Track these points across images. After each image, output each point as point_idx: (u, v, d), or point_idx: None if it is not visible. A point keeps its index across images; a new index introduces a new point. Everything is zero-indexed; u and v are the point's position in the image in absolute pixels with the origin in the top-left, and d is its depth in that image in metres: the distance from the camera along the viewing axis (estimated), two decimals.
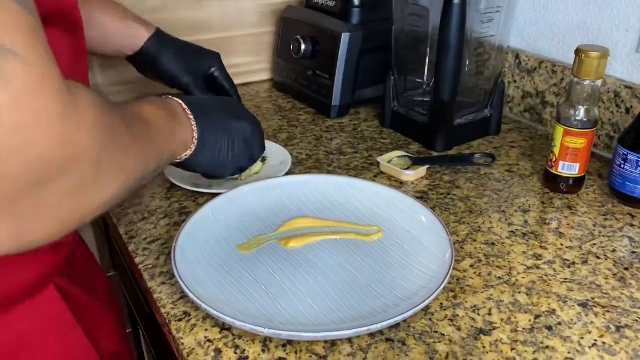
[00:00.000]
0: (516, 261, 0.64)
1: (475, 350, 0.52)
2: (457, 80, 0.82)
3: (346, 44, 0.98)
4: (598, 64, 0.70)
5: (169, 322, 0.55)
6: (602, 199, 0.77)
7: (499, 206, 0.75)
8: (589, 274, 0.62)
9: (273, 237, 0.66)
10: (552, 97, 0.96)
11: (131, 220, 0.72)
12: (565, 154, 0.76)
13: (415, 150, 0.91)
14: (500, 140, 0.95)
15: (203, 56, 0.89)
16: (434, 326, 0.55)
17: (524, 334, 0.54)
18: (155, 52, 0.84)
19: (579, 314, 0.57)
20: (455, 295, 0.59)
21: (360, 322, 0.52)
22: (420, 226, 0.66)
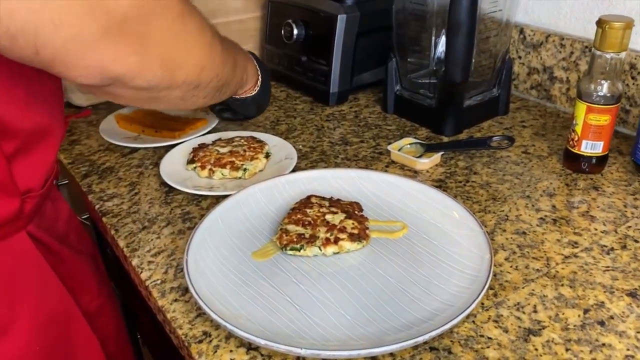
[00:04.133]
0: (552, 250, 0.60)
1: (527, 354, 0.48)
2: (469, 60, 0.77)
3: (342, 27, 0.93)
4: (622, 35, 0.66)
5: (188, 345, 0.50)
6: (627, 176, 0.73)
7: (523, 191, 0.71)
8: (630, 259, 0.59)
9: None
10: (562, 71, 0.91)
11: (131, 231, 0.66)
12: (588, 132, 0.72)
13: (424, 136, 0.86)
14: (510, 120, 0.91)
15: None
16: (479, 330, 0.50)
17: (575, 331, 0.50)
18: None
19: (630, 305, 0.53)
20: (495, 293, 0.55)
21: (404, 334, 0.47)
22: (448, 219, 0.62)
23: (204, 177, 0.75)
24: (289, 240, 0.58)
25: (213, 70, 0.55)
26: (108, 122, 0.91)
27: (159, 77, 0.47)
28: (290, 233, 0.59)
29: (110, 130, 0.88)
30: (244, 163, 0.75)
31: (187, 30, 0.48)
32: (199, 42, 0.51)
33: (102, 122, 0.91)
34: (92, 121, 0.95)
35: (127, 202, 0.71)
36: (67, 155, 0.84)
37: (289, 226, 0.60)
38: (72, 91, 0.99)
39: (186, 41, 0.49)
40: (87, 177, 0.78)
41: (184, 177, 0.75)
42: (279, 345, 0.45)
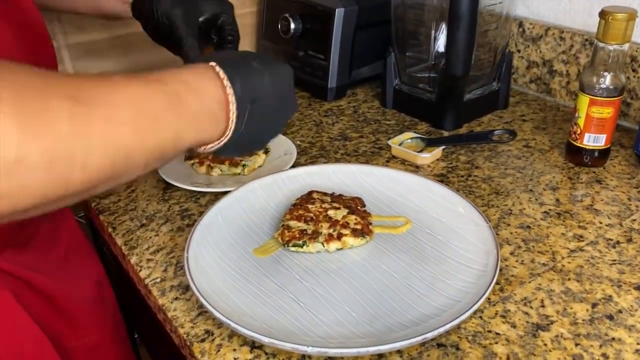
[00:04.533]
0: (557, 244, 0.60)
1: (537, 349, 0.47)
2: (470, 53, 0.76)
3: (340, 21, 0.91)
4: (626, 26, 0.65)
5: (190, 344, 0.49)
6: (630, 170, 0.73)
7: (525, 185, 0.70)
8: (636, 253, 0.58)
9: None
10: (561, 65, 0.91)
11: (128, 229, 0.64)
12: (590, 125, 0.71)
13: (424, 130, 0.85)
14: (510, 114, 0.90)
15: (212, 1, 0.70)
16: (487, 325, 0.50)
17: (584, 326, 0.49)
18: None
19: (638, 298, 0.52)
20: (501, 288, 0.54)
21: (411, 331, 0.46)
22: (452, 213, 0.61)
23: (203, 174, 0.74)
24: (291, 237, 0.57)
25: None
26: None
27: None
28: (292, 229, 0.58)
29: None
30: (243, 159, 0.74)
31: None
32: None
33: None
34: None
35: (124, 200, 0.70)
36: None
37: (290, 222, 0.59)
38: None
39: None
40: None
41: (181, 174, 0.73)
42: (284, 343, 0.44)
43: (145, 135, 0.37)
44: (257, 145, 0.52)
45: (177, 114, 0.40)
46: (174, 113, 0.40)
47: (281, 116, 0.52)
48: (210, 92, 0.43)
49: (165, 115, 0.39)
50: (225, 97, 0.44)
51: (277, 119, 0.52)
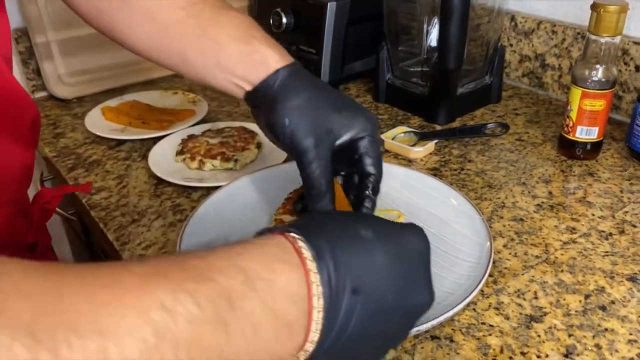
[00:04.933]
0: (550, 237, 0.60)
1: (530, 340, 0.47)
2: (462, 47, 0.76)
3: (332, 15, 0.91)
4: (617, 19, 0.66)
5: None
6: (622, 162, 0.73)
7: (518, 178, 0.70)
8: (629, 244, 0.58)
9: None
10: (553, 58, 0.91)
11: (120, 224, 0.64)
12: (582, 117, 0.71)
13: (417, 125, 0.85)
14: (503, 108, 0.90)
15: (351, 116, 0.49)
16: (480, 317, 0.50)
17: (577, 317, 0.49)
18: (280, 91, 0.48)
19: (630, 289, 0.52)
20: (495, 280, 0.54)
21: None
22: (445, 206, 0.60)
23: (194, 169, 0.73)
24: None
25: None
26: (94, 114, 0.89)
27: None
28: (285, 223, 0.57)
29: (97, 122, 0.86)
30: (235, 154, 0.73)
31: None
32: None
33: (87, 114, 0.88)
34: (78, 113, 0.93)
35: (115, 195, 0.70)
36: (52, 149, 0.82)
37: (283, 216, 0.58)
38: (55, 83, 0.97)
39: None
40: (73, 170, 0.76)
41: (173, 169, 0.73)
42: None
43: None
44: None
45: (225, 333, 0.27)
46: (218, 334, 0.27)
47: (400, 320, 0.35)
48: (285, 284, 0.29)
49: (205, 337, 0.26)
50: (307, 284, 0.30)
51: (393, 325, 0.34)
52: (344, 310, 0.30)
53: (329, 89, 0.51)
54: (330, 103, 0.49)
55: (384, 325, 0.33)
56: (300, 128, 0.47)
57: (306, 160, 0.47)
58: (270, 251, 0.31)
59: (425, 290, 0.36)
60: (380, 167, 0.49)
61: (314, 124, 0.47)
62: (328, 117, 0.48)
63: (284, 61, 0.49)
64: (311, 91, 0.48)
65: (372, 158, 0.49)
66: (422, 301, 0.35)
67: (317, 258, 0.30)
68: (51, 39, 0.95)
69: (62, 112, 0.94)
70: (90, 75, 1.00)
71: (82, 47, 0.98)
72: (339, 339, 0.31)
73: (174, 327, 0.25)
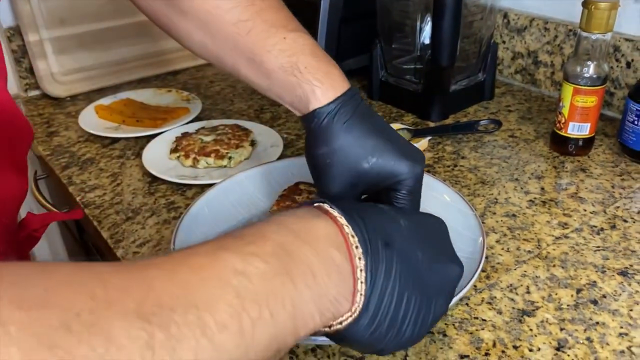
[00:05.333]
0: (542, 232, 0.60)
1: (522, 334, 0.47)
2: (455, 43, 0.76)
3: (326, 12, 0.91)
4: (608, 16, 0.66)
5: None
6: (614, 158, 0.74)
7: (511, 174, 0.71)
8: (620, 239, 0.59)
9: None
10: (546, 55, 0.91)
11: (114, 222, 0.64)
12: (574, 114, 0.71)
13: (410, 122, 0.86)
14: (496, 104, 0.90)
15: (385, 166, 0.46)
16: (473, 312, 0.50)
17: (569, 311, 0.50)
18: (316, 133, 0.47)
19: (621, 283, 0.53)
20: (487, 276, 0.54)
21: None
22: (438, 202, 0.61)
23: (188, 166, 0.73)
24: None
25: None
26: (87, 112, 0.88)
27: None
28: None
29: (90, 121, 0.86)
30: (229, 151, 0.73)
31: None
32: None
33: (81, 112, 0.88)
34: (71, 112, 0.93)
35: (109, 193, 0.70)
36: (46, 147, 0.82)
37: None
38: (48, 82, 0.97)
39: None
40: (67, 168, 0.76)
41: (167, 167, 0.73)
42: None
43: (254, 331, 0.28)
44: (404, 330, 0.36)
45: (292, 282, 0.31)
46: (287, 283, 0.30)
47: (436, 285, 0.38)
48: (326, 234, 0.34)
49: (278, 289, 0.30)
50: (343, 235, 0.34)
51: (430, 289, 0.37)
52: (383, 262, 0.34)
53: (369, 128, 0.46)
54: (368, 147, 0.46)
55: (421, 287, 0.36)
56: (335, 174, 0.46)
57: (332, 195, 0.47)
58: (304, 214, 0.35)
59: (454, 257, 0.41)
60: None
61: (349, 171, 0.46)
62: (361, 165, 0.46)
63: (328, 95, 0.46)
64: (349, 135, 0.46)
65: (409, 204, 0.47)
66: (451, 267, 0.40)
67: (347, 217, 0.35)
68: (44, 37, 0.95)
69: (56, 111, 0.94)
70: (83, 73, 0.99)
71: (76, 45, 0.98)
72: (383, 296, 0.34)
73: (251, 285, 0.29)
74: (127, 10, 1.00)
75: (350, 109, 0.46)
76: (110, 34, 1.00)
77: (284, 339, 0.30)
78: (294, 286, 0.30)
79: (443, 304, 0.39)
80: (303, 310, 0.31)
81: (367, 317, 0.34)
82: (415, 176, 0.46)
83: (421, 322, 0.37)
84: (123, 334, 0.23)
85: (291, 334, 0.30)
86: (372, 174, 0.46)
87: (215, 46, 0.51)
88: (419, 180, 0.47)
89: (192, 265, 0.28)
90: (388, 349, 0.37)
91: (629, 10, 0.80)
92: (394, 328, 0.35)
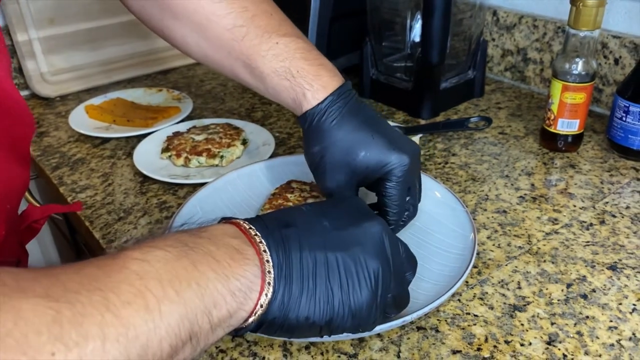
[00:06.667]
0: (533, 228, 0.61)
1: (514, 329, 0.48)
2: (445, 41, 0.77)
3: (316, 11, 0.91)
4: (596, 13, 0.67)
5: None
6: (603, 154, 0.74)
7: (501, 171, 0.71)
8: (609, 234, 0.59)
9: None
10: (535, 53, 0.92)
11: (106, 222, 0.64)
12: (564, 110, 0.72)
13: (402, 119, 0.86)
14: (486, 102, 0.91)
15: (378, 156, 0.48)
16: (465, 307, 0.50)
17: (560, 305, 0.50)
18: (311, 132, 0.50)
19: (610, 278, 0.53)
20: (479, 271, 0.55)
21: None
22: (429, 199, 0.61)
23: (180, 166, 0.73)
24: None
25: None
26: (78, 112, 0.88)
27: None
28: None
29: (80, 121, 0.86)
30: (221, 150, 0.73)
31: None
32: None
33: (71, 112, 0.88)
34: (61, 112, 0.92)
35: (100, 193, 0.69)
36: (36, 148, 0.81)
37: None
38: (37, 81, 0.96)
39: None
40: (57, 169, 0.75)
41: (158, 166, 0.73)
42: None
43: (162, 308, 0.29)
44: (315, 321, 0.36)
45: (193, 265, 0.32)
46: (188, 267, 0.32)
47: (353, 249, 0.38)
48: (222, 230, 0.36)
49: (180, 271, 0.31)
50: (241, 230, 0.36)
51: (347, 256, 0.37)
52: (286, 238, 0.36)
53: (359, 123, 0.49)
54: (357, 141, 0.48)
55: (337, 248, 0.37)
56: (328, 170, 0.50)
57: (331, 191, 0.51)
58: (207, 225, 0.37)
59: (371, 217, 0.40)
60: (401, 206, 0.50)
61: (340, 166, 0.49)
62: (352, 159, 0.49)
63: (318, 97, 0.49)
64: (339, 132, 0.49)
65: (393, 202, 0.50)
66: (369, 224, 0.39)
67: (246, 219, 0.38)
68: (33, 36, 0.94)
69: (45, 111, 0.93)
70: (73, 73, 0.99)
71: (65, 45, 0.98)
72: (298, 265, 0.36)
73: (152, 269, 0.30)
74: (117, 9, 0.99)
75: (340, 106, 0.49)
76: (99, 33, 1.00)
77: (195, 319, 0.30)
78: (195, 268, 0.32)
79: (373, 260, 0.38)
80: (210, 289, 0.32)
81: (287, 291, 0.35)
82: (403, 166, 0.48)
83: (356, 279, 0.37)
84: (31, 311, 0.25)
85: (203, 314, 0.31)
86: (362, 166, 0.49)
87: (212, 50, 0.53)
88: (411, 171, 0.49)
89: (98, 263, 0.30)
90: (337, 319, 0.37)
91: (616, 7, 0.81)
92: (323, 292, 0.36)
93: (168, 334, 0.29)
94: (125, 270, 0.29)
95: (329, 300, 0.36)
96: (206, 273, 0.32)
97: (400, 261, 0.41)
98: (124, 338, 0.27)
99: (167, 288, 0.30)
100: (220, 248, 0.34)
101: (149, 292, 0.29)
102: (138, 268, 0.30)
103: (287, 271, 0.35)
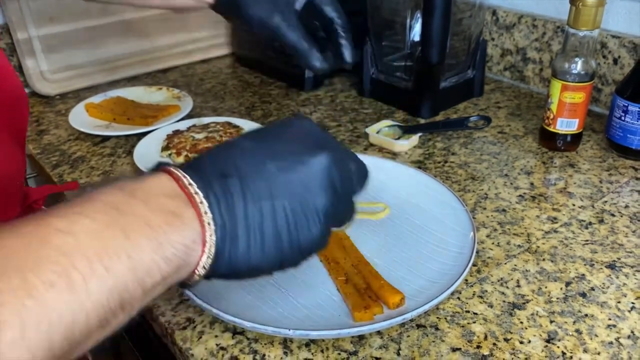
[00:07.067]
0: (532, 226, 0.61)
1: (513, 327, 0.48)
2: (445, 40, 0.77)
3: None
4: (595, 13, 0.67)
5: (171, 332, 0.49)
6: (602, 153, 0.75)
7: (501, 170, 0.71)
8: (608, 233, 0.60)
9: None
10: (534, 52, 0.92)
11: None
12: (563, 110, 0.72)
13: (401, 119, 0.86)
14: (485, 101, 0.91)
15: None
16: (464, 305, 0.51)
17: (559, 303, 0.51)
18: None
19: (609, 276, 0.54)
20: (478, 270, 0.55)
21: (390, 312, 0.47)
22: (429, 198, 0.61)
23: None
24: None
25: None
26: (77, 111, 0.88)
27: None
28: None
29: (80, 119, 0.86)
30: None
31: None
32: None
33: (71, 111, 0.88)
34: (61, 110, 0.92)
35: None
36: (36, 146, 0.81)
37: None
38: (37, 80, 0.96)
39: None
40: (57, 167, 0.76)
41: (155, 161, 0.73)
42: (265, 327, 0.44)
43: (88, 286, 0.28)
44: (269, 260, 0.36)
45: (124, 234, 0.30)
46: (119, 237, 0.30)
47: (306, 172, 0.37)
48: (157, 185, 0.33)
49: (109, 243, 0.29)
50: (180, 187, 0.34)
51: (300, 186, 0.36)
52: (227, 193, 0.34)
53: None
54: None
55: (283, 192, 0.35)
56: (265, 12, 0.57)
57: (282, 33, 0.57)
58: (145, 177, 0.34)
59: (316, 149, 0.37)
60: (340, 10, 0.61)
61: (274, 3, 0.57)
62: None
63: None
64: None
65: (329, 5, 0.60)
66: (314, 160, 0.37)
67: (185, 169, 0.34)
68: (33, 35, 0.94)
69: (45, 109, 0.93)
70: (73, 71, 0.99)
71: (65, 43, 0.98)
72: (245, 219, 0.34)
73: (77, 242, 0.28)
74: (116, 8, 0.99)
75: None
76: (99, 31, 1.00)
77: (126, 288, 0.29)
78: (126, 237, 0.30)
79: (321, 197, 0.37)
80: (143, 259, 0.30)
81: (233, 249, 0.34)
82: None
83: (304, 220, 0.36)
84: None
85: (135, 283, 0.30)
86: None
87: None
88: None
89: (19, 232, 0.28)
90: (287, 260, 0.37)
91: (616, 7, 0.81)
92: (271, 241, 0.35)
93: (96, 309, 0.28)
94: (48, 245, 0.27)
95: (277, 246, 0.35)
96: (138, 242, 0.30)
97: (350, 186, 0.40)
98: (46, 323, 0.26)
99: (95, 264, 0.28)
100: (154, 212, 0.31)
101: (74, 270, 0.27)
102: (61, 242, 0.28)
103: (231, 229, 0.34)
